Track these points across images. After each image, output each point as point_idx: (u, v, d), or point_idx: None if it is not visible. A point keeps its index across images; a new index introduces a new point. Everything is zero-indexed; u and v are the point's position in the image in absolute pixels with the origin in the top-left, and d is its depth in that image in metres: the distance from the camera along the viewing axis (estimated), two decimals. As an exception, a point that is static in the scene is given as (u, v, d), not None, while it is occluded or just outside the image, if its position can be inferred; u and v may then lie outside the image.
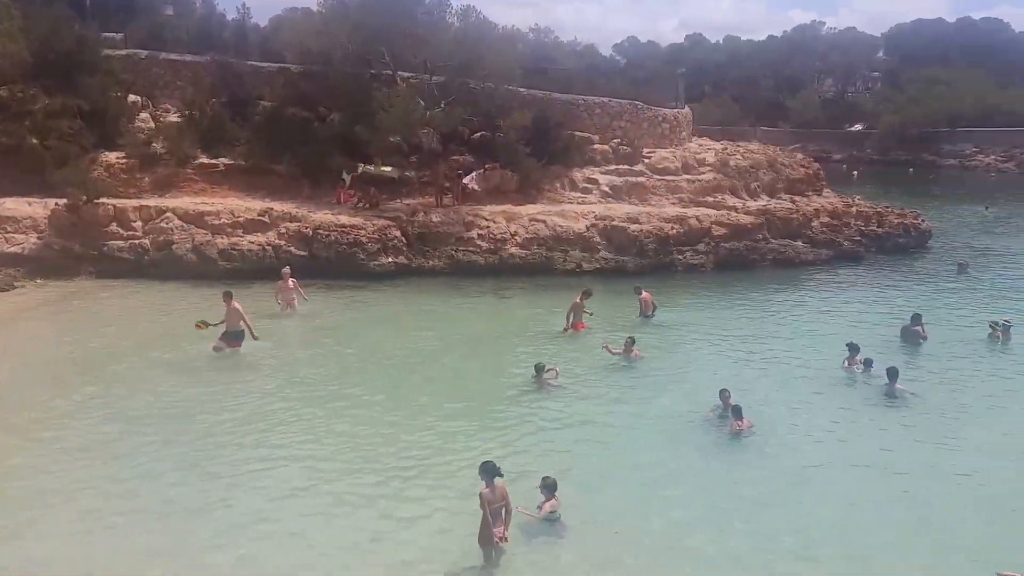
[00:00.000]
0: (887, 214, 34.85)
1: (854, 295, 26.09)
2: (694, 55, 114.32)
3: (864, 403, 16.30)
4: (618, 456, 13.78)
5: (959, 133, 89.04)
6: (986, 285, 27.46)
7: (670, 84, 43.27)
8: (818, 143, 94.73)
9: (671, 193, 31.88)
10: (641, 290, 22.52)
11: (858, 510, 12.02)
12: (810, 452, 14.08)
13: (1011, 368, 18.46)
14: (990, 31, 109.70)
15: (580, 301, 21.28)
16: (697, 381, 17.25)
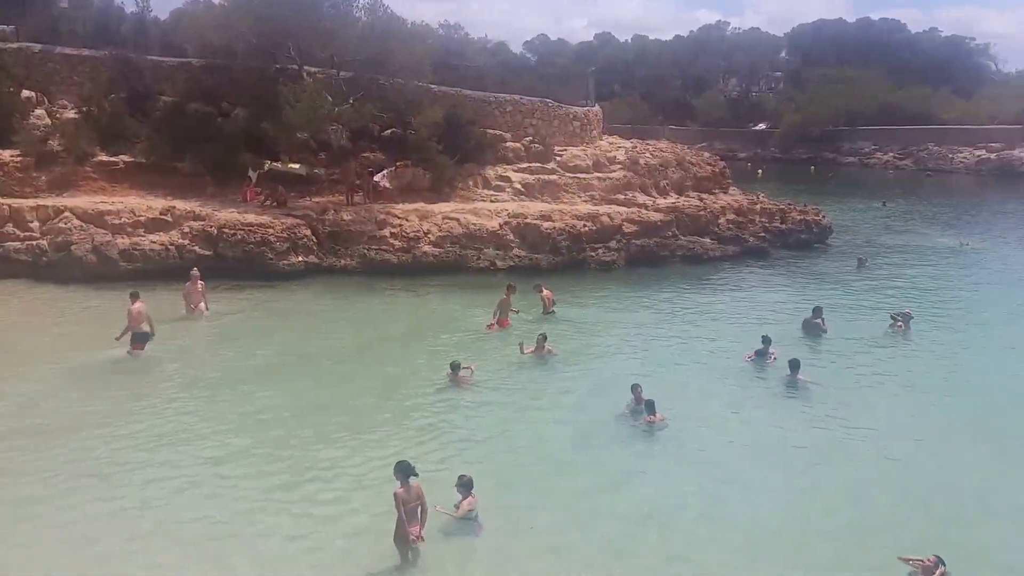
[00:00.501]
0: (790, 211, 36.26)
1: (759, 290, 27.17)
2: (603, 54, 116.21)
3: (769, 394, 17.02)
4: (534, 452, 14.02)
5: (858, 131, 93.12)
6: (884, 279, 28.90)
7: (580, 82, 43.86)
8: (724, 142, 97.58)
9: (583, 191, 32.43)
10: (541, 287, 22.91)
11: (764, 496, 12.57)
12: (719, 442, 14.63)
13: (909, 358, 19.52)
14: (887, 31, 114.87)
15: (507, 297, 21.58)
16: (611, 376, 17.67)
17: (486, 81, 37.49)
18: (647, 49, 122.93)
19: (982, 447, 14.42)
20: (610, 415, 15.55)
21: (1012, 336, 21.69)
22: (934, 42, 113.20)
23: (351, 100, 29.19)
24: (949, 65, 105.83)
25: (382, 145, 31.38)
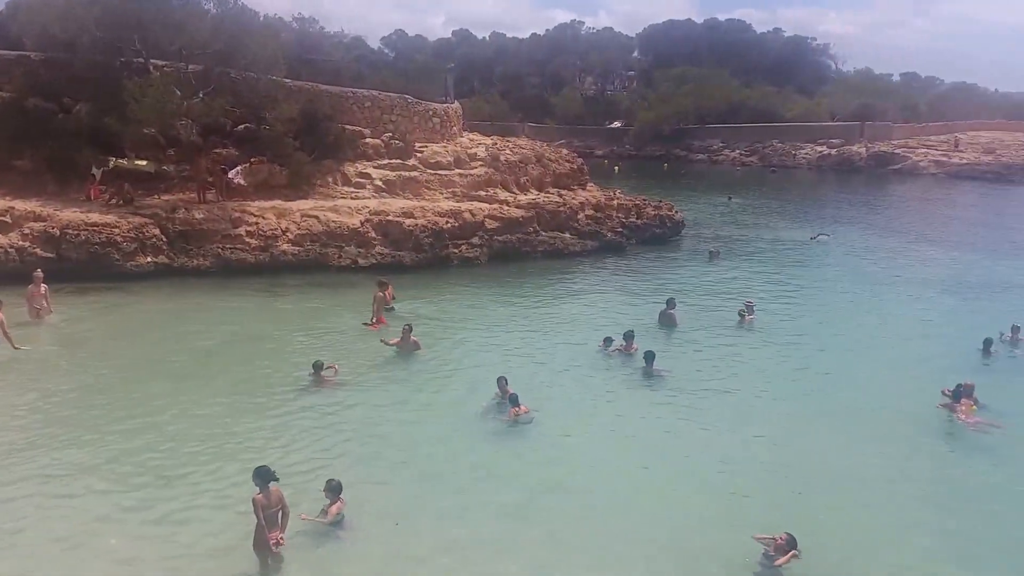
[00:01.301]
0: (645, 206, 37.81)
1: (617, 283, 28.31)
2: (462, 51, 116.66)
3: (627, 384, 17.79)
4: (402, 450, 14.16)
5: (707, 129, 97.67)
6: (735, 271, 30.67)
7: (439, 79, 44.16)
8: (582, 139, 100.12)
9: (444, 187, 32.76)
10: (385, 284, 23.06)
11: (626, 486, 13.22)
12: (581, 433, 15.19)
13: (758, 347, 20.83)
14: (734, 32, 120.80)
15: (382, 294, 21.69)
16: (476, 371, 18.03)
17: (343, 76, 37.24)
18: (505, 47, 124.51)
19: (827, 430, 15.59)
20: (476, 410, 15.90)
21: (852, 324, 23.56)
22: (778, 42, 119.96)
23: (201, 94, 28.36)
24: (792, 64, 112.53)
25: (235, 141, 30.62)
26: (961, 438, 15.23)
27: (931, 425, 15.69)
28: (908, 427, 15.57)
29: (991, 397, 16.42)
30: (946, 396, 16.15)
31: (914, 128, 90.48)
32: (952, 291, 27.87)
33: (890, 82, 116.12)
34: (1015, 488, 13.23)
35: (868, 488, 13.17)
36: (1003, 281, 29.58)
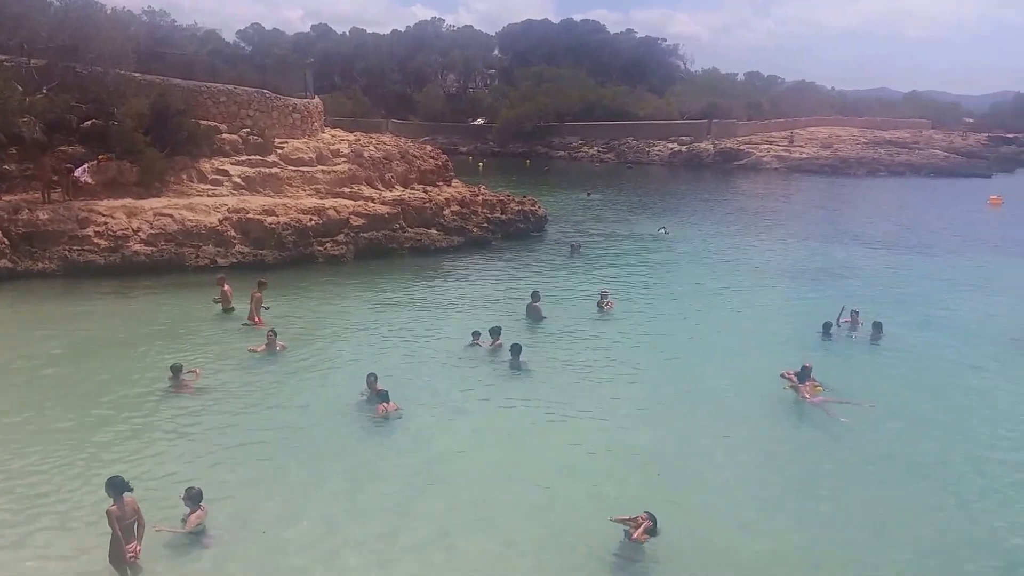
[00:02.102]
0: (509, 202, 38.07)
1: (484, 278, 28.32)
2: (321, 46, 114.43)
3: (495, 377, 17.79)
4: (266, 454, 13.68)
5: (566, 127, 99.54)
6: (595, 263, 31.28)
7: (298, 74, 43.04)
8: (446, 136, 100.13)
9: (307, 184, 31.94)
10: (224, 281, 22.32)
11: (497, 477, 13.23)
12: (450, 427, 15.11)
13: (617, 336, 21.26)
14: (588, 32, 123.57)
15: (260, 294, 21.01)
16: (344, 369, 17.69)
17: (196, 70, 35.68)
18: (365, 42, 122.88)
19: (683, 413, 16.13)
20: (345, 408, 15.56)
21: (704, 311, 24.44)
22: (630, 43, 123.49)
23: (44, 90, 26.63)
24: (644, 64, 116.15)
25: (82, 138, 28.79)
26: (808, 417, 16.00)
27: (779, 406, 16.43)
28: (759, 408, 16.27)
29: (833, 377, 17.38)
30: (785, 379, 16.97)
31: (757, 125, 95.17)
32: (794, 278, 29.42)
33: (735, 81, 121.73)
34: (860, 463, 14.00)
35: (723, 468, 13.65)
36: (840, 267, 31.43)
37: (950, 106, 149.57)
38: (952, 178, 77.89)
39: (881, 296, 26.06)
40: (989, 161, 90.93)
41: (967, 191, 65.58)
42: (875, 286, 27.87)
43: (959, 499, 12.64)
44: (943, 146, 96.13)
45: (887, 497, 12.68)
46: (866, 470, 13.68)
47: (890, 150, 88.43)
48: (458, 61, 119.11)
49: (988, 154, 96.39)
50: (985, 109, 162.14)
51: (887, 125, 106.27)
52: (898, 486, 13.10)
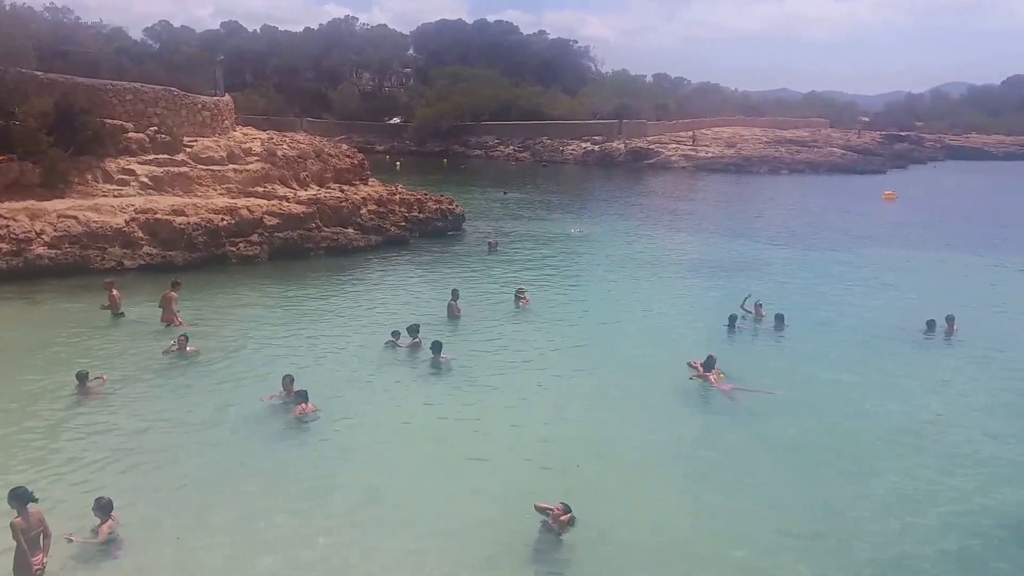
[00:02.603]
0: (426, 200, 37.78)
1: (403, 277, 28.05)
2: (232, 43, 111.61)
3: (416, 376, 17.63)
4: (179, 460, 13.18)
5: (482, 126, 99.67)
6: (513, 261, 31.30)
7: (208, 71, 41.74)
8: (362, 134, 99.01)
9: (218, 183, 31.02)
10: (112, 285, 21.49)
11: (420, 474, 13.05)
12: (371, 427, 14.84)
13: (532, 330, 21.37)
14: (502, 33, 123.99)
15: (174, 294, 20.36)
16: (260, 372, 17.19)
17: (102, 68, 34.18)
18: (278, 40, 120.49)
19: (601, 404, 16.24)
20: (260, 411, 15.14)
21: (617, 305, 24.72)
22: (543, 44, 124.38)
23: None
24: (556, 65, 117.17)
25: (-20, 138, 27.31)
26: (715, 404, 16.31)
27: (688, 394, 16.72)
28: (671, 398, 16.51)
29: (739, 367, 17.80)
30: (692, 368, 17.31)
31: (666, 125, 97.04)
32: (701, 272, 30.01)
33: (644, 83, 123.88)
34: (765, 448, 14.32)
35: (639, 456, 13.81)
36: (745, 261, 32.27)
37: (847, 106, 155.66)
38: (849, 175, 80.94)
39: (784, 289, 26.81)
40: (884, 158, 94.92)
41: (863, 187, 68.21)
42: (778, 279, 28.65)
43: (856, 483, 13.03)
44: (840, 144, 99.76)
45: (788, 481, 12.98)
46: (769, 455, 13.98)
47: (791, 149, 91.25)
48: (373, 60, 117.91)
49: (883, 151, 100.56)
50: (879, 108, 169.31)
51: (788, 125, 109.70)
52: (798, 470, 13.41)
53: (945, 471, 13.36)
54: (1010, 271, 31.47)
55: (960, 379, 18.14)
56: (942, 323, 21.06)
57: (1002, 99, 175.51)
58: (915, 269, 31.79)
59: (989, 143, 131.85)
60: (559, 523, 10.82)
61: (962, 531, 11.45)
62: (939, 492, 12.64)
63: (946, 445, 14.41)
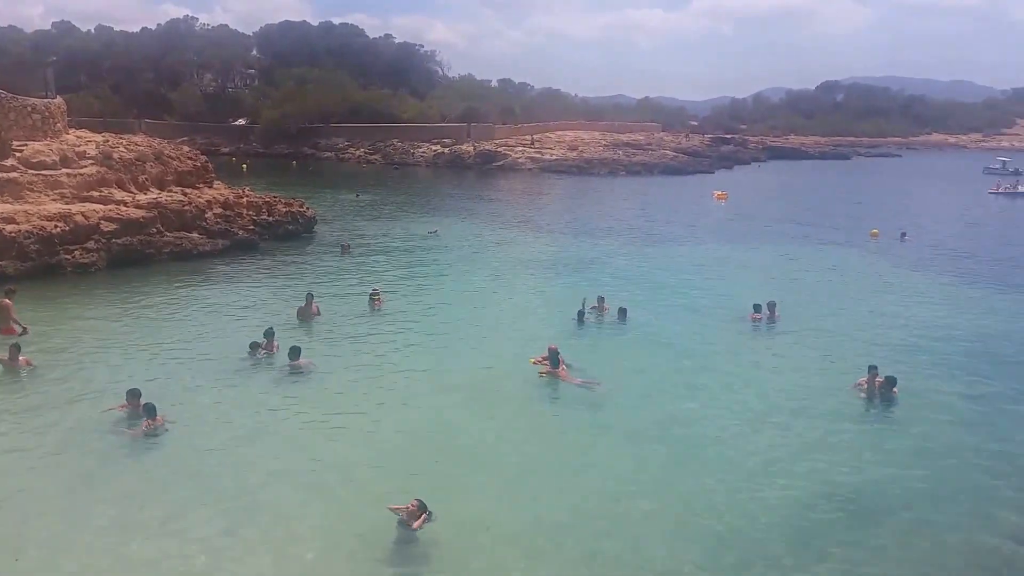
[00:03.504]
0: (276, 203, 36.60)
1: (253, 281, 27.03)
2: (65, 44, 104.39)
3: (271, 382, 17.03)
4: (14, 478, 12.23)
5: (332, 128, 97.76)
6: (367, 263, 30.83)
7: (38, 73, 38.75)
8: (206, 136, 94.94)
9: (50, 189, 28.79)
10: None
11: (282, 482, 12.63)
12: (224, 437, 14.22)
13: (389, 331, 21.15)
14: (348, 36, 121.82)
15: (9, 301, 18.98)
16: (101, 385, 16.16)
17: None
18: (114, 41, 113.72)
19: (456, 401, 16.22)
20: (104, 428, 14.22)
21: (470, 304, 24.86)
22: (390, 47, 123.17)
23: None
24: (404, 69, 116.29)
25: None
26: (565, 397, 16.65)
27: (540, 389, 17.00)
28: (523, 393, 16.74)
29: (585, 359, 18.33)
30: (539, 365, 17.60)
31: (512, 129, 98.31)
32: (550, 269, 30.65)
33: (490, 87, 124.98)
34: (611, 434, 14.77)
35: (493, 451, 13.95)
36: (590, 257, 33.22)
37: (677, 110, 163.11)
38: (681, 175, 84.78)
39: (626, 283, 27.77)
40: (712, 159, 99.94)
41: (695, 187, 71.62)
42: (620, 274, 29.64)
43: (694, 464, 13.66)
44: (672, 147, 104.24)
45: (631, 467, 13.41)
46: (613, 443, 14.40)
47: (628, 151, 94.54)
48: (215, 60, 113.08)
49: (711, 153, 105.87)
50: (707, 113, 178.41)
51: (624, 129, 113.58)
52: (641, 455, 13.85)
53: (774, 447, 14.22)
54: (822, 259, 33.88)
55: (781, 360, 19.35)
56: (766, 309, 22.48)
57: (816, 103, 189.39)
58: (744, 261, 33.68)
59: (806, 144, 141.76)
60: (414, 521, 10.74)
61: (790, 504, 12.22)
62: (769, 467, 13.42)
63: (774, 424, 15.31)
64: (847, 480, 12.98)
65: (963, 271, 31.95)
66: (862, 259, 34.55)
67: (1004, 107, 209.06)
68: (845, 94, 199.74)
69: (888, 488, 12.80)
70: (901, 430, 15.26)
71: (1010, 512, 12.09)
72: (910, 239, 38.90)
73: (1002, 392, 17.35)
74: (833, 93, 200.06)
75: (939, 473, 13.39)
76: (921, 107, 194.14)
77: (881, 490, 12.71)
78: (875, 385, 16.51)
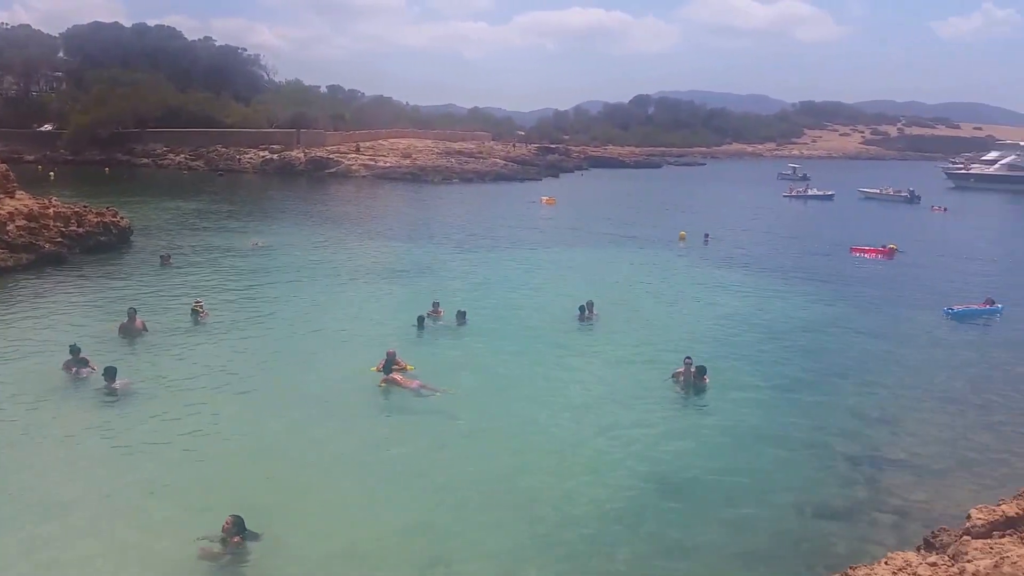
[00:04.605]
0: (86, 214, 33.89)
1: (63, 297, 24.84)
2: None
3: (90, 404, 15.72)
4: None
5: (149, 133, 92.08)
6: (188, 274, 29.14)
7: None
8: (7, 143, 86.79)
9: None
10: None
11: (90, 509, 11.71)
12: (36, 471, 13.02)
13: (213, 344, 20.12)
14: (165, 37, 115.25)
15: None
16: None
17: None
18: None
19: (288, 413, 15.65)
20: None
21: (301, 314, 24.06)
22: (210, 51, 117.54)
23: None
24: (226, 72, 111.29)
25: None
26: (406, 404, 16.44)
27: (376, 396, 16.73)
28: (358, 401, 16.42)
29: (426, 363, 18.24)
30: (379, 373, 17.38)
31: (344, 135, 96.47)
32: (387, 276, 30.27)
33: (319, 93, 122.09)
34: (449, 438, 14.76)
35: (328, 463, 13.55)
36: (427, 263, 33.11)
37: (505, 120, 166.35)
38: (511, 182, 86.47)
39: (464, 287, 27.93)
40: (539, 168, 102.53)
41: (524, 193, 73.10)
42: (458, 278, 29.79)
43: (535, 459, 13.88)
44: (502, 155, 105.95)
45: (476, 467, 13.48)
46: (450, 446, 14.43)
47: (460, 159, 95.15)
48: (16, 62, 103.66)
49: (538, 162, 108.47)
50: (532, 123, 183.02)
51: (456, 137, 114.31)
52: (478, 456, 13.95)
53: (602, 438, 14.71)
54: (639, 260, 35.49)
55: (606, 355, 20.14)
56: (588, 308, 23.25)
57: (630, 115, 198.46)
58: (571, 262, 34.73)
59: (623, 153, 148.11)
60: (231, 542, 10.32)
61: (618, 491, 12.67)
62: (602, 457, 13.90)
63: (601, 416, 15.84)
64: (667, 466, 13.64)
65: (761, 267, 34.48)
66: (673, 260, 36.58)
67: (794, 119, 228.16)
68: (655, 107, 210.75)
69: (702, 469, 13.54)
70: (712, 415, 16.22)
71: (808, 485, 13.11)
72: (714, 240, 41.52)
73: (798, 375, 18.86)
74: (645, 106, 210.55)
75: (746, 453, 14.33)
76: (722, 119, 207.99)
77: (695, 473, 13.42)
78: (691, 375, 17.44)
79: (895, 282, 31.92)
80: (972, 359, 20.97)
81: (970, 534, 7.08)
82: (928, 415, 16.50)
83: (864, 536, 11.44)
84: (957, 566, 6.56)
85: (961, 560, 6.65)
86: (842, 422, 15.94)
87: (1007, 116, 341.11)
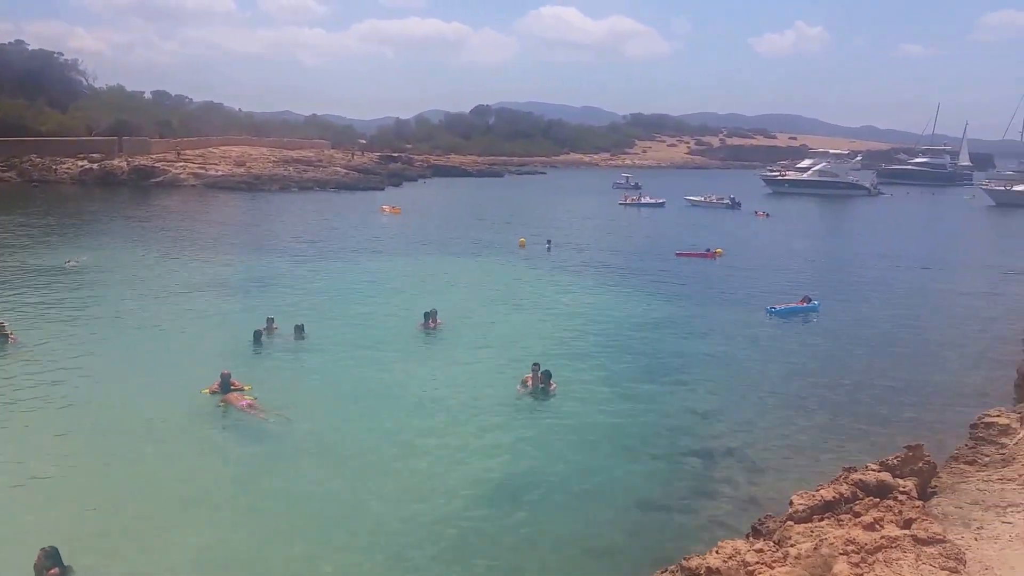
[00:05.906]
0: None
1: None
2: None
3: None
4: None
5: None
6: None
7: None
8: None
9: None
10: None
11: None
12: None
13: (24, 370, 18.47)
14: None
15: None
16: None
17: None
18: None
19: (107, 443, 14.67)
20: None
21: (123, 337, 22.59)
22: (22, 55, 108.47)
23: None
24: (40, 78, 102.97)
25: None
26: (238, 425, 15.72)
27: (207, 418, 15.94)
28: (187, 424, 15.59)
29: (263, 380, 17.58)
30: (214, 394, 16.58)
31: (171, 143, 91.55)
32: (221, 291, 28.84)
33: (143, 99, 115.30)
34: (288, 459, 14.21)
35: (155, 489, 12.77)
36: (264, 276, 31.82)
37: (345, 128, 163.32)
38: (353, 191, 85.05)
39: (302, 300, 27.05)
40: (381, 176, 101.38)
41: (367, 202, 72.13)
42: (297, 292, 28.80)
43: (378, 470, 13.61)
44: (343, 164, 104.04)
45: (313, 484, 13.10)
46: (291, 461, 13.96)
47: (299, 168, 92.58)
48: None
49: (380, 170, 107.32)
50: (374, 131, 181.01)
51: (294, 145, 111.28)
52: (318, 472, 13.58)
53: (448, 447, 14.63)
54: (482, 268, 35.81)
55: (452, 363, 20.11)
56: (431, 317, 23.15)
57: (471, 125, 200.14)
58: (415, 271, 34.49)
59: (466, 162, 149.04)
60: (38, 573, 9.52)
61: (466, 500, 12.63)
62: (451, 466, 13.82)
63: (447, 424, 15.76)
64: (514, 469, 13.77)
65: (600, 273, 35.69)
66: (515, 266, 37.10)
67: (625, 130, 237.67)
68: (495, 117, 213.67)
69: (548, 472, 13.76)
70: (557, 417, 16.52)
71: (647, 481, 13.61)
72: (555, 247, 42.54)
73: (636, 375, 19.60)
74: (485, 116, 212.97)
75: (590, 453, 14.71)
76: (559, 130, 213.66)
77: (542, 476, 13.62)
78: (539, 379, 17.66)
79: (723, 284, 33.84)
80: (794, 351, 22.53)
81: (793, 519, 7.49)
82: (756, 407, 17.55)
83: (699, 525, 11.97)
84: (782, 550, 6.93)
85: (785, 544, 7.04)
86: (677, 419, 16.65)
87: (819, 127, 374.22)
